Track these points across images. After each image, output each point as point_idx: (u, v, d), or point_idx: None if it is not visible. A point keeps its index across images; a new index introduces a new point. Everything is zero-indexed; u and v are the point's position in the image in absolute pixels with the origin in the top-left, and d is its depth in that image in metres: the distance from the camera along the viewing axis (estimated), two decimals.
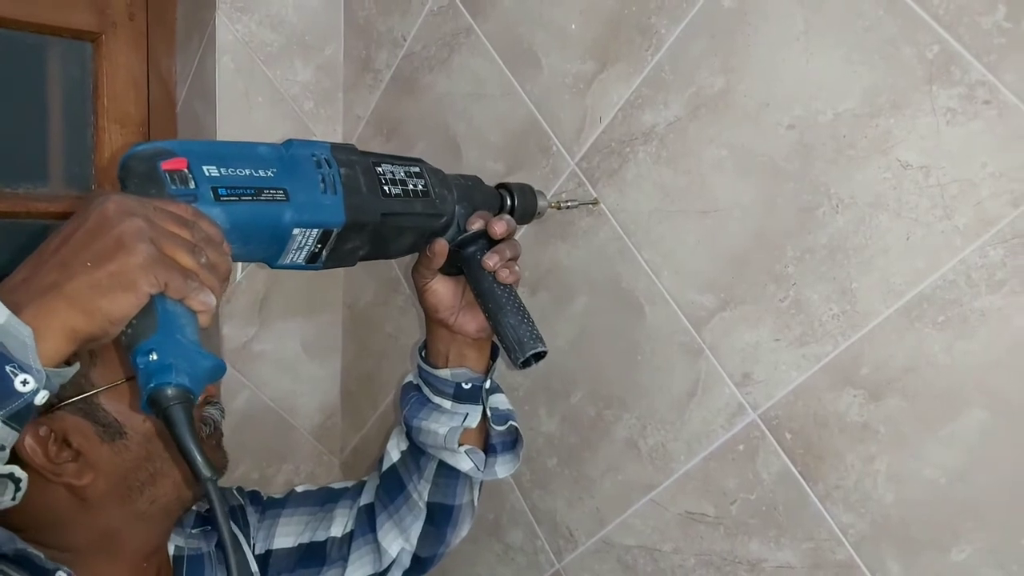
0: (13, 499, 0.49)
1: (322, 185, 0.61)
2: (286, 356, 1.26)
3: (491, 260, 0.73)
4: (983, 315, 0.64)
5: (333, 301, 1.30)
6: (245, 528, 0.85)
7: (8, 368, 0.43)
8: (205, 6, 1.16)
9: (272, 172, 0.58)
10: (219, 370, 0.51)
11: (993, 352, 0.63)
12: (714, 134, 0.80)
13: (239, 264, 1.19)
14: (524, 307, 0.74)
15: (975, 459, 0.64)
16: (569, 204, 0.90)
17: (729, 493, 0.80)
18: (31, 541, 0.67)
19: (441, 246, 0.74)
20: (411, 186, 0.70)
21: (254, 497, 0.90)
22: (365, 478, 0.92)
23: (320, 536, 0.86)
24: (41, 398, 0.45)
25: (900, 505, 0.68)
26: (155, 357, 0.47)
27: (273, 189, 0.58)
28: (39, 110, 1.19)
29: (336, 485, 0.93)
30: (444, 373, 0.81)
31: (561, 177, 0.95)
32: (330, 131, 1.27)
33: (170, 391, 0.47)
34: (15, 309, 0.44)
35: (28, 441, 0.66)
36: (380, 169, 0.67)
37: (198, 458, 0.47)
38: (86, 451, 0.68)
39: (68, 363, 0.47)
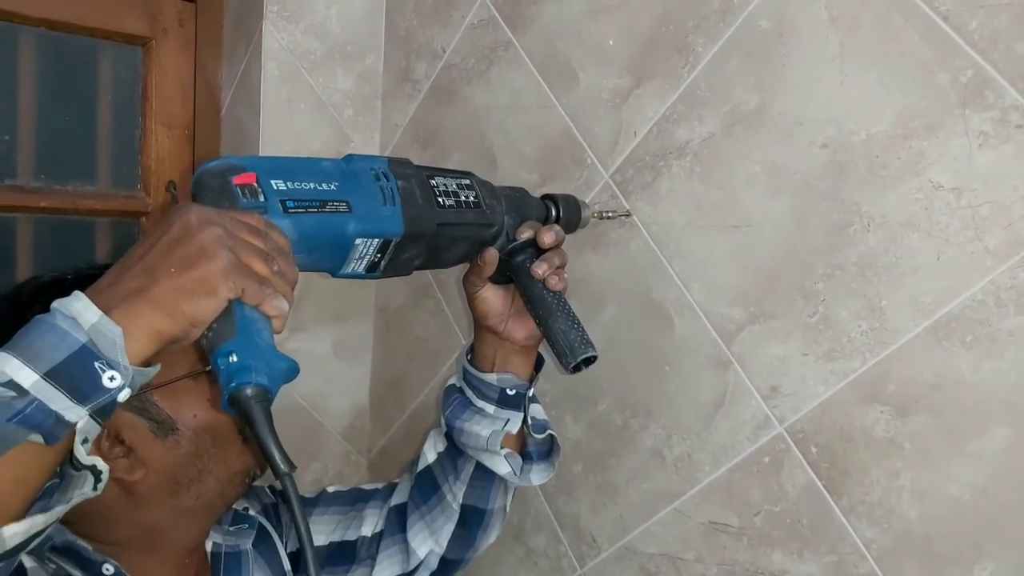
0: (94, 489, 0.52)
1: (382, 197, 0.64)
2: (318, 356, 1.28)
3: (540, 268, 0.75)
4: (1011, 335, 0.65)
5: (365, 304, 1.33)
6: (278, 526, 0.87)
7: (97, 364, 0.46)
8: (253, 14, 1.20)
9: (335, 185, 0.61)
10: (294, 371, 0.53)
11: (1020, 372, 0.64)
12: (748, 151, 0.82)
13: None
14: (574, 313, 0.76)
15: (999, 476, 0.65)
16: (610, 215, 0.92)
17: (753, 504, 0.82)
18: (79, 534, 0.70)
19: (492, 255, 0.76)
20: (463, 197, 0.72)
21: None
22: (396, 480, 0.94)
23: (351, 535, 0.88)
24: (124, 395, 0.47)
25: (924, 521, 0.69)
26: (235, 359, 0.50)
27: (336, 201, 0.61)
28: (89, 111, 1.23)
29: (367, 486, 0.95)
30: (490, 378, 0.82)
31: (595, 189, 0.97)
32: (368, 138, 1.30)
33: (250, 390, 0.49)
34: (104, 310, 0.47)
35: None
36: (434, 182, 0.70)
37: (276, 454, 0.49)
38: (138, 447, 0.70)
39: (148, 364, 0.50)
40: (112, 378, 0.46)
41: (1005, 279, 0.65)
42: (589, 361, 0.75)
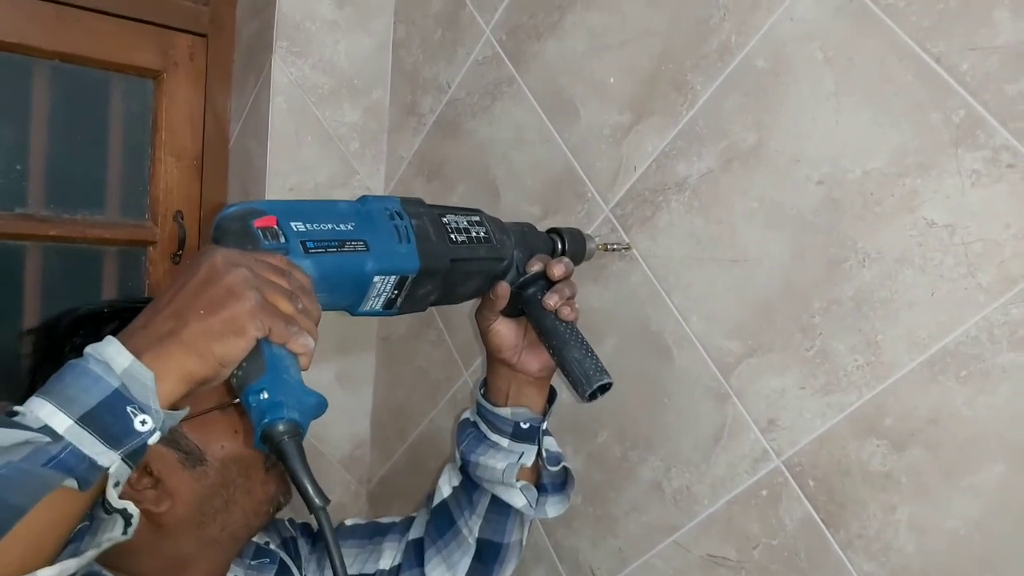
0: (124, 533, 0.52)
1: (397, 235, 0.65)
2: (320, 385, 1.28)
3: (551, 300, 0.76)
4: (1004, 371, 0.65)
5: (368, 334, 1.34)
6: (296, 559, 0.87)
7: (129, 408, 0.47)
8: (263, 49, 1.23)
9: (351, 226, 0.62)
10: (323, 406, 0.54)
11: (1014, 407, 0.65)
12: (745, 186, 0.83)
13: None
14: (587, 341, 0.77)
15: (995, 511, 0.66)
16: (615, 247, 0.93)
17: (752, 538, 0.82)
18: (105, 564, 0.70)
19: (504, 289, 0.77)
20: (474, 233, 0.73)
21: (304, 529, 0.92)
22: (414, 514, 0.93)
23: (369, 569, 0.88)
24: (155, 439, 0.48)
25: (921, 555, 0.70)
26: (266, 396, 0.50)
27: (354, 241, 0.62)
28: (100, 142, 1.26)
29: (384, 519, 0.95)
30: (504, 412, 0.82)
31: (595, 222, 0.98)
32: (374, 170, 1.32)
33: (282, 426, 0.50)
34: (135, 354, 0.48)
35: None
36: (445, 220, 0.71)
37: (309, 489, 0.49)
38: (166, 478, 0.71)
39: (177, 406, 0.51)
40: (144, 422, 0.47)
41: (998, 315, 0.66)
42: (604, 388, 0.76)
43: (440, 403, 1.22)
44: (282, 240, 0.58)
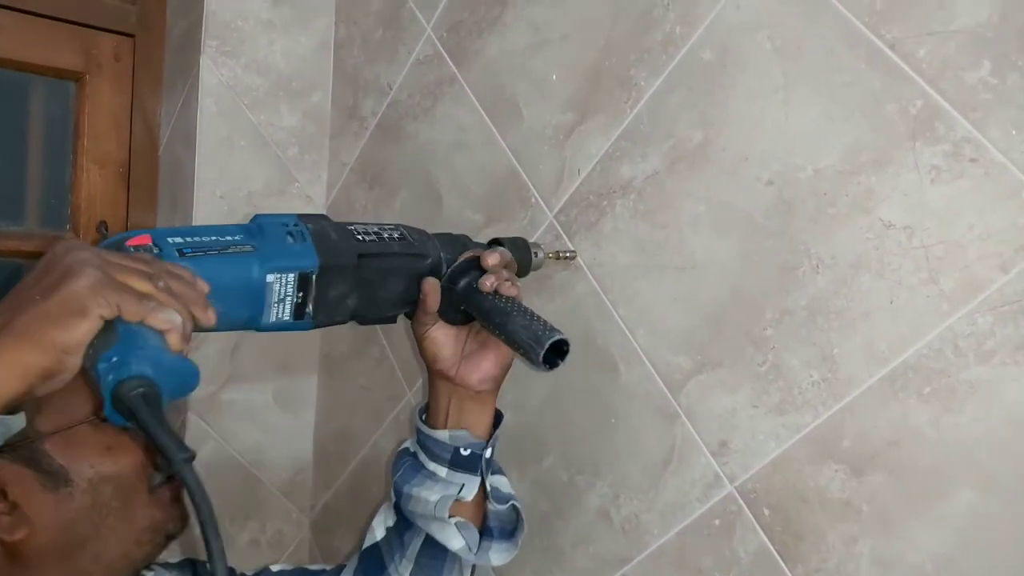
0: None
1: (290, 239, 0.61)
2: (257, 407, 1.21)
3: (488, 280, 0.70)
4: (972, 387, 0.59)
5: (308, 351, 1.26)
6: None
7: None
8: (191, 49, 1.16)
9: (239, 236, 0.59)
10: (190, 374, 0.47)
11: (983, 427, 0.58)
12: (692, 188, 0.77)
13: None
14: (532, 310, 0.70)
15: (964, 544, 0.59)
16: (567, 255, 0.86)
17: (704, 571, 0.75)
18: None
19: (432, 283, 0.71)
20: (386, 235, 0.69)
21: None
22: (345, 562, 0.84)
23: None
24: None
25: None
26: (115, 359, 0.44)
27: (239, 244, 0.57)
28: (18, 147, 1.18)
29: (313, 567, 0.86)
30: (442, 435, 0.74)
31: (539, 229, 0.92)
32: (314, 177, 1.25)
33: (133, 383, 0.43)
34: None
35: None
36: (351, 226, 0.68)
37: (169, 442, 0.42)
38: (23, 501, 0.64)
39: (13, 411, 0.44)
40: None
41: (963, 326, 0.59)
42: (561, 349, 0.67)
43: (384, 424, 1.15)
44: (155, 251, 0.53)
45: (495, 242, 0.79)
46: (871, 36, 0.64)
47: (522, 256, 0.80)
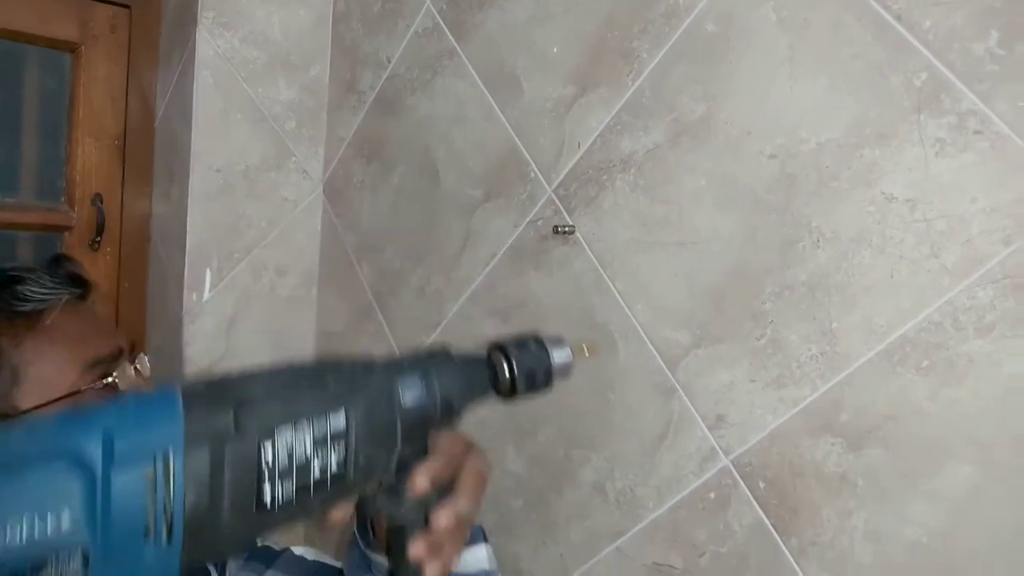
0: None
1: (146, 531, 0.35)
2: None
3: (417, 549, 0.48)
4: (971, 360, 0.59)
5: (305, 326, 1.25)
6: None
7: None
8: (187, 21, 1.14)
9: (68, 520, 0.34)
10: None
11: (981, 401, 0.58)
12: (694, 162, 0.76)
13: (206, 280, 1.15)
14: None
15: (960, 518, 0.59)
16: (565, 230, 0.86)
17: (699, 544, 0.75)
18: None
19: (340, 516, 0.46)
20: (316, 469, 0.41)
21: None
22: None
23: None
24: None
25: (878, 566, 0.63)
26: None
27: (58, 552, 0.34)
28: (13, 119, 1.16)
29: (331, 562, 0.75)
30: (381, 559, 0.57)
31: (538, 204, 0.91)
32: (312, 152, 1.24)
33: None
34: None
35: None
36: (268, 455, 0.39)
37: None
38: None
39: None
40: None
41: (963, 299, 0.59)
42: None
43: None
44: None
45: (497, 348, 0.51)
46: (877, 7, 0.64)
47: (532, 364, 0.50)
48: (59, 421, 0.38)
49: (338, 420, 0.42)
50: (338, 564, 0.76)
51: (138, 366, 0.69)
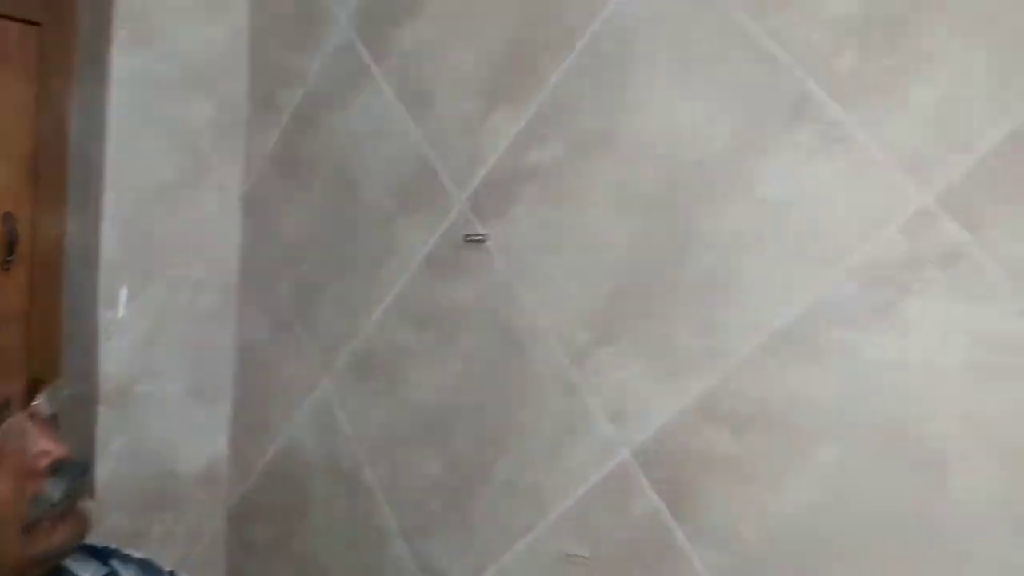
0: None
1: None
2: (171, 398, 1.20)
3: None
4: (838, 349, 0.64)
5: (224, 341, 1.25)
6: None
7: None
8: (101, 38, 1.14)
9: None
10: None
11: (847, 386, 0.64)
12: (593, 172, 0.81)
13: (121, 298, 1.15)
14: None
15: (831, 494, 0.64)
16: (477, 238, 0.89)
17: (602, 532, 0.79)
18: None
19: None
20: None
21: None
22: None
23: None
24: None
25: (761, 541, 0.68)
26: None
27: None
28: None
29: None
30: None
31: (451, 215, 0.94)
32: (229, 168, 1.25)
33: None
34: None
35: None
36: None
37: None
38: None
39: None
40: None
41: (831, 292, 0.65)
42: None
43: (302, 412, 1.15)
44: None
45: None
46: (753, 28, 0.70)
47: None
48: None
49: None
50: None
51: (33, 410, 0.62)
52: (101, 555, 0.67)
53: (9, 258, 1.16)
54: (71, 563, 0.63)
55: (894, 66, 0.63)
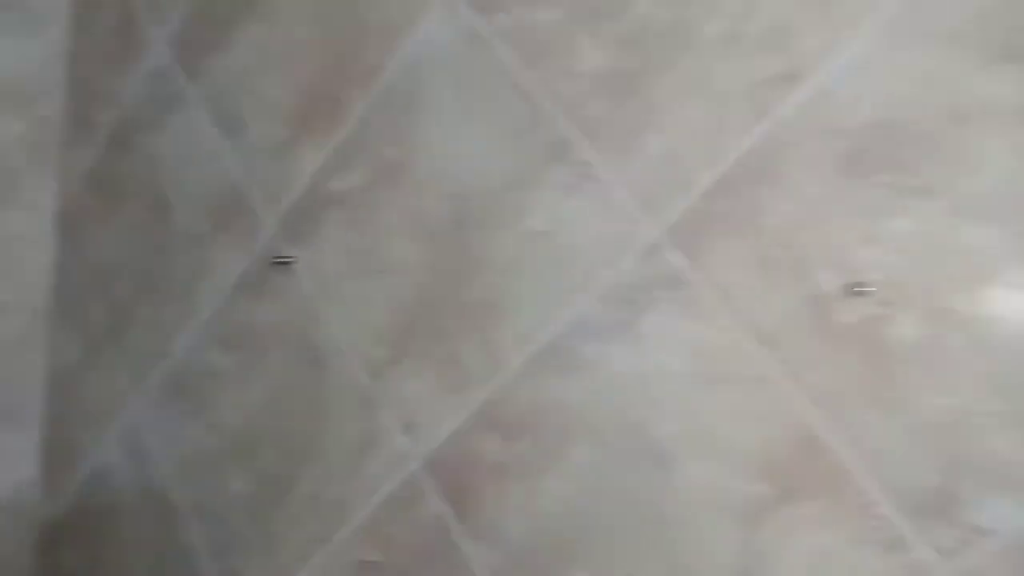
0: None
1: None
2: None
3: None
4: (589, 361, 0.73)
5: (33, 364, 1.22)
6: None
7: None
8: None
9: None
10: None
11: (594, 393, 0.72)
12: (390, 201, 0.87)
13: None
14: None
15: (582, 490, 0.73)
16: (285, 261, 0.93)
17: (395, 539, 0.84)
18: None
19: None
20: None
21: None
22: None
23: None
24: None
25: (526, 537, 0.75)
26: None
27: None
28: None
29: None
30: None
31: (261, 238, 0.98)
32: (42, 186, 1.22)
33: None
34: None
35: None
36: None
37: None
38: None
39: None
40: None
41: (587, 310, 0.74)
42: None
43: (112, 431, 1.14)
44: None
45: None
46: (521, 76, 0.78)
47: None
48: None
49: None
50: None
51: None
52: None
53: None
54: None
55: (633, 115, 0.73)
